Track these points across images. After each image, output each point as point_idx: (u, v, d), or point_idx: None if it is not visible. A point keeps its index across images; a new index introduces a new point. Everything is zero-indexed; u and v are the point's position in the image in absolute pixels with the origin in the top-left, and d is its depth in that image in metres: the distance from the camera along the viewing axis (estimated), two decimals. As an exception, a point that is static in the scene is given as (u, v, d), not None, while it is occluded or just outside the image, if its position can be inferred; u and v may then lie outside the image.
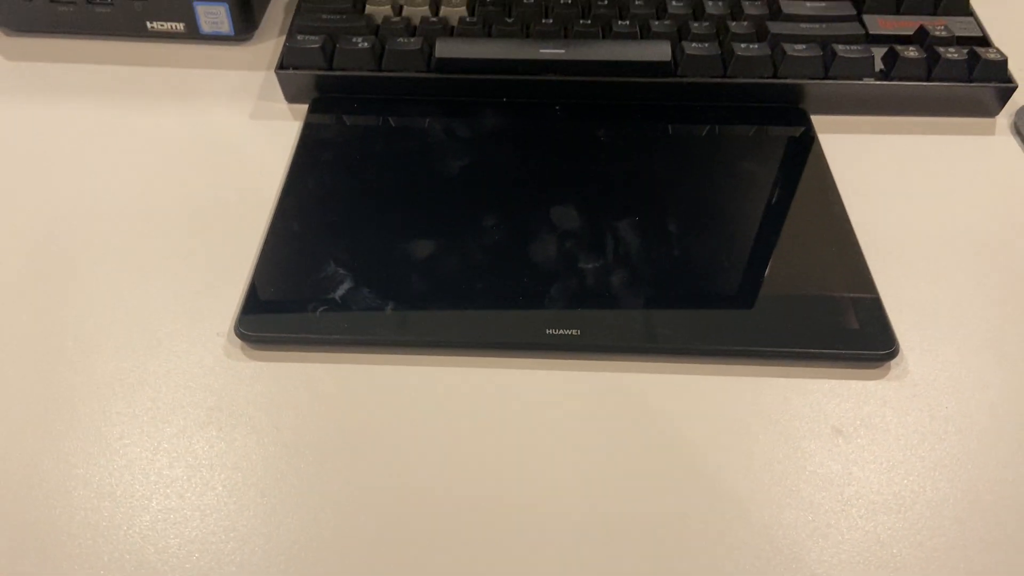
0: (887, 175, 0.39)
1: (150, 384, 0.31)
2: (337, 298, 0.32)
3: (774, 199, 0.37)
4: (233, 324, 0.32)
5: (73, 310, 0.33)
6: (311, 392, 0.30)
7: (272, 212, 0.36)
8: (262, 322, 0.32)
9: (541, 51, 0.41)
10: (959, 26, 0.44)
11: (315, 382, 0.31)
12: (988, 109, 0.42)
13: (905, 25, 0.43)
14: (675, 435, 0.29)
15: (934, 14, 0.44)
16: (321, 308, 0.32)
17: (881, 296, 0.33)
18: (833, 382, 0.31)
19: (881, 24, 0.43)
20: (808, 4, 0.43)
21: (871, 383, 0.31)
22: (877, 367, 0.31)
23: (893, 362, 0.31)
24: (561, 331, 0.31)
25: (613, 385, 0.31)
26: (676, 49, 0.41)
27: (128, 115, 0.42)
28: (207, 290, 0.34)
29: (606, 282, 0.33)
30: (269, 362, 0.31)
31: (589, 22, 0.42)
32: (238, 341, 0.32)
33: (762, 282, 0.33)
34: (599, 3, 0.44)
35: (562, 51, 0.41)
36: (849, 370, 0.31)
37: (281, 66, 0.41)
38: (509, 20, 0.43)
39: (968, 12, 0.44)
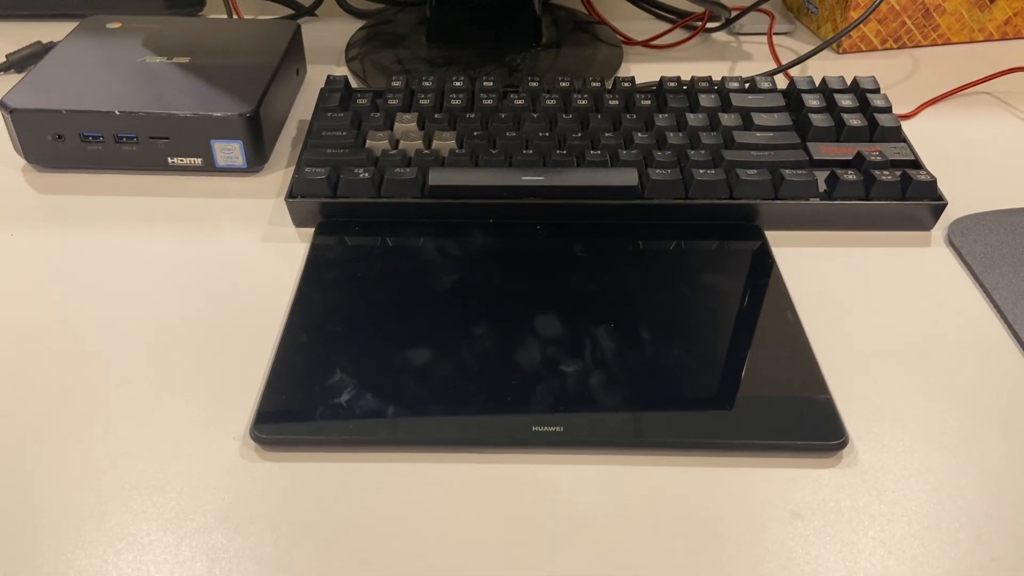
0: (835, 283, 0.44)
1: (173, 485, 0.34)
2: (343, 403, 0.36)
3: (734, 307, 0.41)
4: (248, 428, 0.35)
5: (102, 419, 0.36)
6: (320, 489, 0.33)
7: (283, 326, 0.40)
8: (275, 426, 0.35)
9: (523, 178, 0.46)
10: (893, 151, 0.49)
11: (323, 480, 0.34)
12: (923, 224, 0.47)
13: (844, 151, 0.49)
14: (647, 521, 0.32)
15: (870, 140, 0.50)
16: (328, 412, 0.35)
17: (832, 393, 0.37)
18: (791, 471, 0.34)
19: (823, 150, 0.49)
20: (758, 134, 0.49)
21: (825, 471, 0.34)
22: (830, 456, 0.35)
23: (844, 451, 0.35)
24: (546, 428, 0.35)
25: (593, 475, 0.34)
26: (642, 175, 0.47)
27: (151, 241, 0.46)
28: (224, 398, 0.37)
29: (585, 383, 0.37)
30: (281, 463, 0.34)
31: (565, 152, 0.48)
32: (253, 444, 0.35)
33: (726, 382, 0.37)
34: (573, 136, 0.49)
35: (541, 178, 0.46)
36: (805, 459, 0.35)
37: (290, 195, 0.46)
38: (494, 151, 0.48)
39: (901, 139, 0.50)
